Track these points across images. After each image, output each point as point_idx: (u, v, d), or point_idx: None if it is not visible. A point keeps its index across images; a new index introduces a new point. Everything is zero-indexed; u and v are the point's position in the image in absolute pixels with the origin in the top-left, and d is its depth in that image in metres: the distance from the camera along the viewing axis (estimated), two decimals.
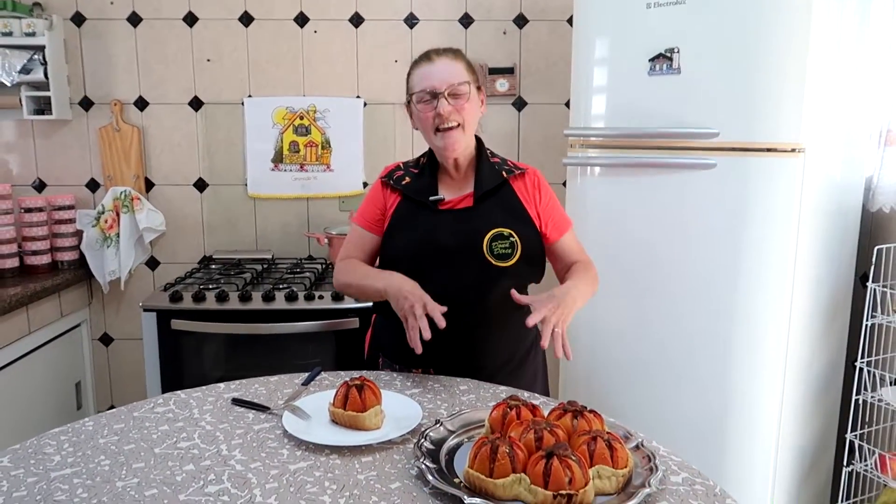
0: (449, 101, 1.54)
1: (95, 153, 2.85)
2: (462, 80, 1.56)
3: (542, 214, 1.63)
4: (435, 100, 1.54)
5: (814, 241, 2.01)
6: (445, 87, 1.54)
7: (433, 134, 1.58)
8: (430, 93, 1.55)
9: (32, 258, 2.70)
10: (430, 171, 1.64)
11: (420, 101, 1.57)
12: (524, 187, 1.64)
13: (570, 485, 0.95)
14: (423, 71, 1.58)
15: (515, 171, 1.65)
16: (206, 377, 2.32)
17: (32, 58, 2.67)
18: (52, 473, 1.08)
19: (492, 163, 1.65)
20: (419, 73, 1.59)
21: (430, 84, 1.55)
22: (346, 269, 1.65)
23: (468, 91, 1.56)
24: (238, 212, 2.92)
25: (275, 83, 2.85)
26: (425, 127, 1.59)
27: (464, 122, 1.56)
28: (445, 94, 1.54)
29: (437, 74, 1.56)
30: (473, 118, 1.59)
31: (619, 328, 2.22)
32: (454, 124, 1.55)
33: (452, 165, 1.62)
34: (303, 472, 1.09)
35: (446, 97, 1.54)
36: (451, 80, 1.55)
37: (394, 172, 1.68)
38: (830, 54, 1.94)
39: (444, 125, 1.55)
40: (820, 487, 2.24)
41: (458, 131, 1.56)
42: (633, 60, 2.10)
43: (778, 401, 2.02)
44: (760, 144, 1.94)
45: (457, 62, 1.58)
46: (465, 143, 1.59)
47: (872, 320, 1.93)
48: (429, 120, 1.56)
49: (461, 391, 1.45)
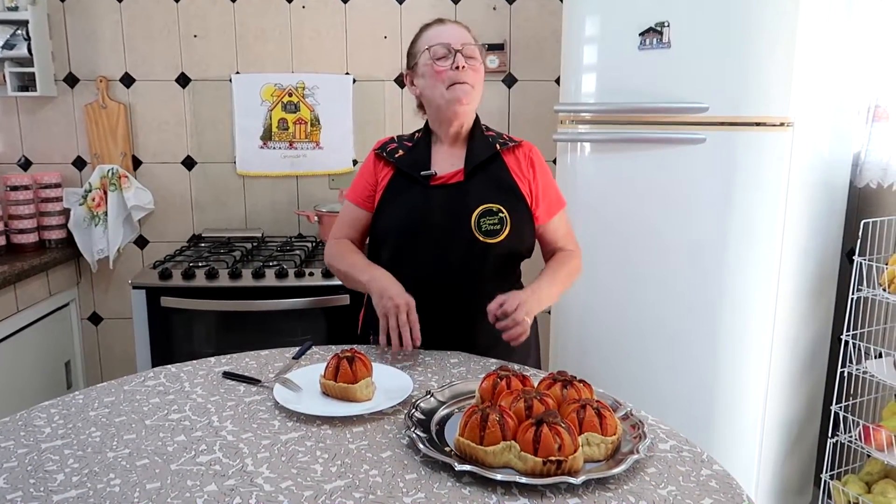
0: (465, 60, 1.54)
1: (82, 130, 2.82)
2: (475, 44, 1.58)
3: (534, 192, 1.62)
4: (451, 55, 1.53)
5: (801, 216, 2.03)
6: (461, 44, 1.54)
7: (446, 88, 1.54)
8: (447, 47, 1.54)
9: (19, 237, 2.68)
10: (424, 144, 1.63)
11: (434, 57, 1.55)
12: (516, 161, 1.63)
13: (559, 451, 0.96)
14: (436, 31, 1.58)
15: (509, 144, 1.63)
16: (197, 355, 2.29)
17: (15, 33, 2.63)
18: (42, 445, 1.08)
19: (486, 136, 1.64)
20: (431, 33, 1.58)
21: (447, 39, 1.55)
22: (336, 252, 1.64)
23: (480, 55, 1.58)
24: (227, 190, 2.90)
25: (263, 60, 2.82)
26: (436, 81, 1.55)
27: (475, 85, 1.56)
28: (463, 51, 1.54)
29: (453, 34, 1.56)
30: (481, 85, 1.59)
31: (609, 303, 2.24)
32: (468, 81, 1.54)
33: (455, 131, 1.60)
34: (294, 443, 1.10)
35: (463, 55, 1.53)
36: (467, 40, 1.56)
37: (387, 145, 1.67)
38: (819, 29, 1.94)
39: (460, 80, 1.53)
40: (805, 458, 2.28)
41: (469, 89, 1.55)
42: (624, 35, 2.09)
43: (765, 373, 2.05)
44: (749, 119, 1.94)
45: (465, 30, 1.59)
46: (473, 105, 1.58)
47: (858, 294, 1.95)
48: (443, 74, 1.53)
49: (452, 364, 1.45)
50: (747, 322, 2.03)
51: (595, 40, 2.22)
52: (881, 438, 1.85)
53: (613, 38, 2.14)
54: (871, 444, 1.87)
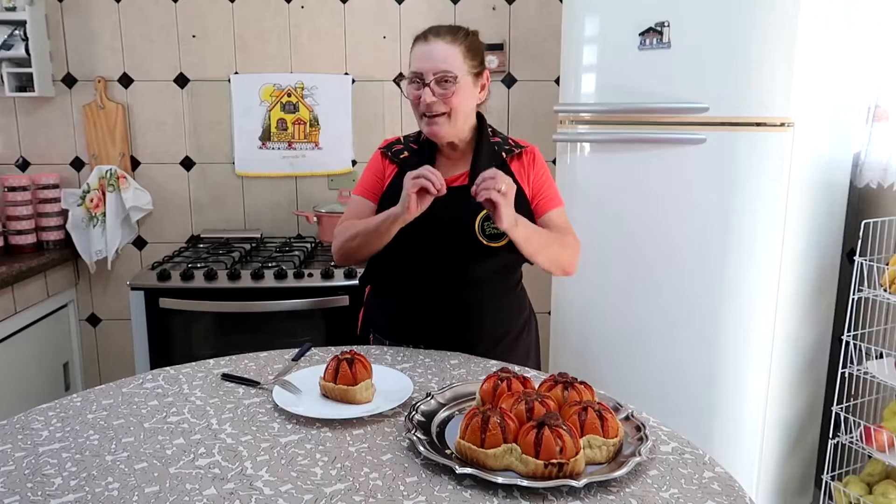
0: (435, 89, 1.48)
1: (80, 131, 2.81)
2: (452, 69, 1.48)
3: (533, 188, 1.61)
4: (423, 85, 1.50)
5: (801, 216, 2.02)
6: (432, 74, 1.48)
7: (419, 118, 1.55)
8: (419, 77, 1.50)
9: (17, 238, 2.67)
10: (428, 148, 1.62)
11: (410, 83, 1.53)
12: (521, 167, 1.62)
13: (560, 454, 0.96)
14: (417, 51, 1.53)
15: (515, 151, 1.62)
16: (196, 356, 2.29)
17: (13, 33, 2.62)
18: (40, 448, 1.07)
19: (492, 143, 1.62)
20: (414, 53, 1.54)
21: (420, 67, 1.50)
22: (346, 227, 1.60)
23: (455, 82, 1.49)
24: (226, 190, 2.89)
25: (262, 60, 2.81)
26: (413, 108, 1.56)
27: (451, 111, 1.51)
28: (432, 81, 1.48)
29: (429, 58, 1.49)
30: (463, 106, 1.53)
31: (609, 303, 2.23)
32: (438, 112, 1.50)
33: (448, 146, 1.60)
34: (294, 445, 1.09)
35: (432, 85, 1.48)
36: (440, 67, 1.48)
37: (393, 145, 1.66)
38: (820, 29, 1.93)
39: (428, 112, 1.51)
40: (806, 459, 2.27)
41: (442, 119, 1.51)
42: (624, 35, 2.09)
43: (765, 374, 2.05)
44: (750, 119, 1.94)
45: (453, 46, 1.50)
46: (454, 131, 1.55)
47: (859, 294, 1.95)
48: (415, 103, 1.53)
49: (452, 365, 1.45)
50: (747, 322, 2.03)
51: (595, 40, 2.21)
52: (882, 439, 1.84)
53: (613, 37, 2.14)
54: (871, 444, 1.86)
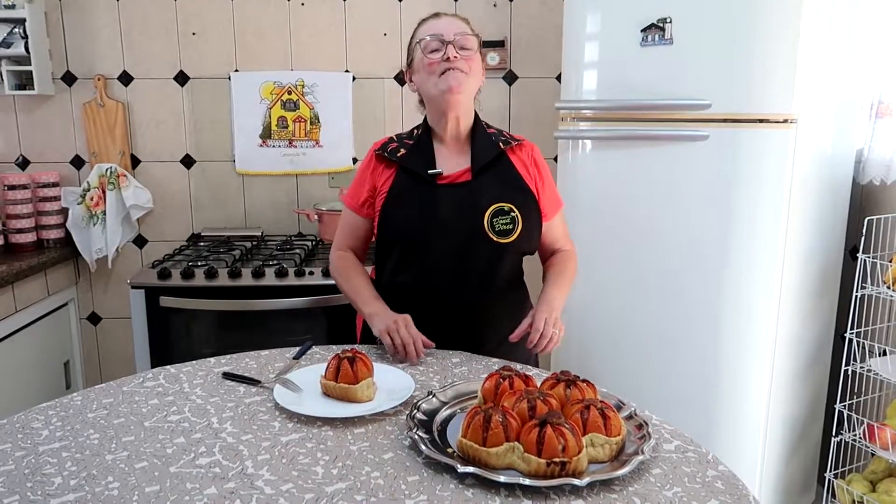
0: (457, 50, 1.52)
1: (80, 129, 2.80)
2: (471, 34, 1.56)
3: (540, 191, 1.61)
4: (443, 46, 1.51)
5: (804, 213, 2.01)
6: (454, 34, 1.52)
7: (438, 76, 1.52)
8: (440, 39, 1.52)
9: (17, 236, 2.67)
10: (426, 142, 1.60)
11: (427, 50, 1.53)
12: (521, 160, 1.62)
13: (563, 452, 0.95)
14: (431, 24, 1.57)
15: (512, 142, 1.63)
16: (196, 355, 2.28)
17: (13, 31, 2.61)
18: (40, 447, 1.07)
19: (488, 134, 1.62)
20: (426, 27, 1.57)
21: (439, 31, 1.53)
22: (342, 268, 1.65)
23: (476, 46, 1.56)
24: (226, 189, 2.88)
25: (262, 57, 2.80)
26: (429, 73, 1.53)
27: (470, 72, 1.53)
28: (455, 42, 1.52)
29: (446, 26, 1.54)
30: (478, 76, 1.57)
31: (611, 301, 2.23)
32: (461, 68, 1.51)
33: (453, 127, 1.58)
34: (295, 444, 1.08)
35: (455, 45, 1.52)
36: (461, 29, 1.54)
37: (388, 145, 1.64)
38: (823, 25, 1.92)
39: (450, 67, 1.51)
40: (809, 456, 2.27)
41: (463, 77, 1.52)
42: (626, 31, 2.08)
43: (768, 371, 2.04)
44: (752, 115, 1.93)
45: (464, 23, 1.58)
46: (468, 96, 1.55)
47: (862, 291, 1.94)
48: (434, 65, 1.52)
49: (453, 364, 1.44)
50: (750, 320, 2.02)
51: (596, 37, 2.20)
52: (885, 437, 1.84)
53: (615, 34, 2.13)
54: (875, 442, 1.85)
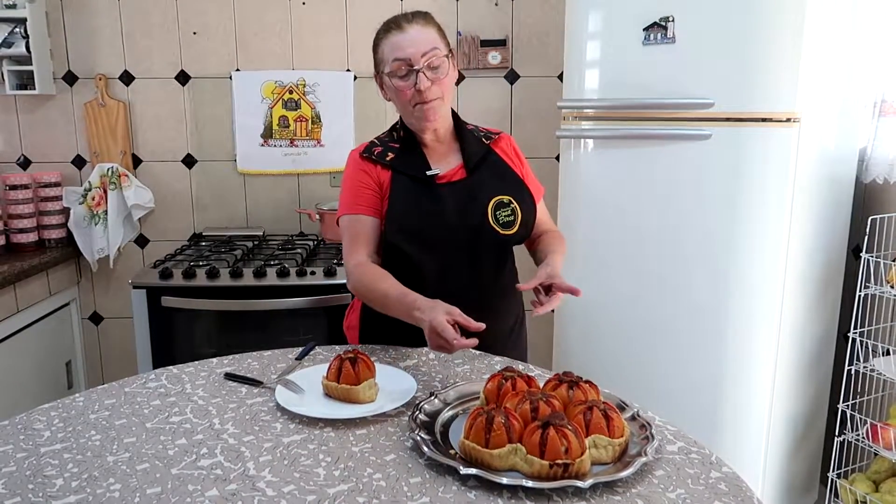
0: (427, 74, 1.45)
1: (81, 129, 2.80)
2: (438, 51, 1.46)
3: (525, 179, 1.63)
4: (412, 74, 1.45)
5: (807, 212, 2.00)
6: (422, 58, 1.44)
7: (411, 108, 1.49)
8: (408, 65, 1.45)
9: (19, 236, 2.67)
10: (413, 143, 1.58)
11: (395, 76, 1.47)
12: (504, 151, 1.64)
13: (566, 454, 0.95)
14: (395, 41, 1.46)
15: (493, 136, 1.64)
16: (198, 355, 2.28)
17: (14, 31, 2.61)
18: (41, 449, 1.07)
19: (469, 130, 1.63)
20: (390, 44, 1.47)
21: (406, 55, 1.44)
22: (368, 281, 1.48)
23: (446, 63, 1.48)
24: (228, 188, 2.88)
25: (263, 56, 2.80)
26: (402, 102, 1.50)
27: (443, 95, 1.49)
28: (423, 67, 1.44)
29: (412, 45, 1.44)
30: (451, 88, 1.54)
31: (614, 300, 2.22)
32: (434, 97, 1.47)
33: (433, 137, 1.56)
34: (296, 445, 1.08)
35: (424, 70, 1.45)
36: (427, 51, 1.44)
37: (372, 148, 1.58)
38: (826, 24, 1.92)
39: (424, 100, 1.47)
40: (812, 456, 2.26)
41: (437, 103, 1.49)
42: (628, 30, 2.07)
43: (771, 371, 2.03)
44: (756, 114, 1.92)
45: (428, 28, 1.48)
46: (444, 115, 1.54)
47: (865, 291, 1.93)
48: (406, 95, 1.47)
49: (455, 363, 1.44)
50: (753, 319, 2.01)
51: (598, 35, 2.20)
52: (889, 436, 1.83)
53: (617, 33, 2.12)
54: (878, 442, 1.85)
